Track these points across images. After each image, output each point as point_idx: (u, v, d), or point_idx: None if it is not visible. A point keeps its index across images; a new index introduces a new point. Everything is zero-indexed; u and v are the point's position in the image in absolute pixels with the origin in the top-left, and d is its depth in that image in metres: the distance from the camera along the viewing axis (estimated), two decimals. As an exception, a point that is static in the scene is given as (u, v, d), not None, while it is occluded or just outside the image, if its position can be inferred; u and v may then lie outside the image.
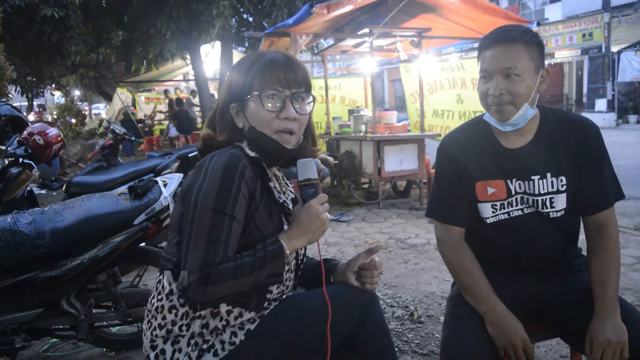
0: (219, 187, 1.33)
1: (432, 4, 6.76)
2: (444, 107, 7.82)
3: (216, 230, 1.31)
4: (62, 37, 9.66)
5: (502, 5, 22.30)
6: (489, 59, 1.58)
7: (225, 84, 1.55)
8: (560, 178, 1.65)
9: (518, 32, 1.58)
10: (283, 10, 10.46)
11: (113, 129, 5.28)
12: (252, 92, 1.46)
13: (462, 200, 1.74)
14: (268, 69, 1.46)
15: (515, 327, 1.56)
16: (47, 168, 7.89)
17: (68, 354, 2.84)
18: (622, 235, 4.70)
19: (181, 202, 1.44)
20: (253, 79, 1.46)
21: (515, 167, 1.67)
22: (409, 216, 6.03)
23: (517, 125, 1.62)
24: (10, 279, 2.23)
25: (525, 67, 1.55)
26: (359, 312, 1.53)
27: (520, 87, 1.56)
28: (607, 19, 18.17)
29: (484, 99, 1.63)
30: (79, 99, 23.35)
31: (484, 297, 1.63)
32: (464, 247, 1.73)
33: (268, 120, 1.46)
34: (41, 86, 13.22)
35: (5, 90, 6.07)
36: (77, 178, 4.27)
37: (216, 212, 1.32)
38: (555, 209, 1.67)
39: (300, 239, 1.43)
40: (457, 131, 1.81)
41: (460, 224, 1.76)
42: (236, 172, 1.35)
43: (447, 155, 1.78)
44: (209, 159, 1.40)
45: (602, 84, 18.67)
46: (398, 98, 30.28)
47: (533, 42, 1.57)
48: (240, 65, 1.52)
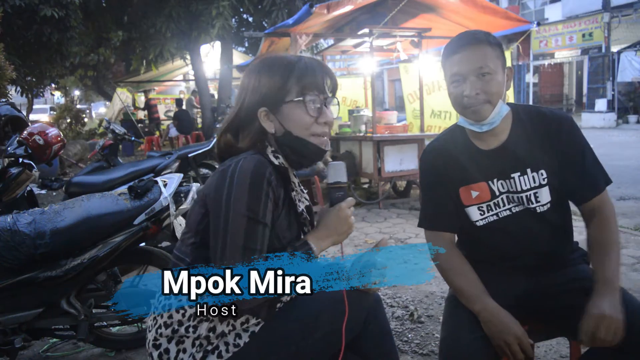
0: (249, 193, 1.32)
1: (432, 4, 6.77)
2: (441, 107, 7.82)
3: (252, 239, 1.32)
4: (62, 37, 9.65)
5: (502, 5, 22.29)
6: (459, 62, 1.62)
7: (250, 87, 1.48)
8: (540, 172, 1.68)
9: (481, 34, 1.63)
10: (283, 10, 10.47)
11: (113, 129, 5.28)
12: (290, 96, 1.45)
13: (448, 206, 1.78)
14: (309, 74, 1.46)
15: (508, 323, 1.55)
16: (47, 168, 7.89)
17: (68, 354, 2.84)
18: (623, 235, 4.69)
19: (201, 204, 1.43)
20: (292, 84, 1.45)
21: (494, 167, 1.71)
22: (409, 216, 6.03)
23: (494, 123, 1.64)
24: (10, 279, 2.23)
25: (494, 65, 1.60)
26: (363, 315, 1.53)
27: (494, 85, 1.59)
28: (607, 19, 18.18)
29: (459, 102, 1.66)
30: (79, 99, 23.34)
31: (476, 297, 1.64)
32: (454, 251, 1.76)
33: (308, 125, 1.46)
34: (41, 86, 13.20)
35: (5, 90, 6.07)
36: (77, 178, 4.27)
37: (250, 219, 1.32)
38: (541, 202, 1.69)
39: (326, 240, 1.46)
40: (435, 140, 1.86)
41: (448, 229, 1.79)
42: (264, 178, 1.35)
43: (428, 164, 1.83)
44: (233, 164, 1.37)
45: (602, 84, 18.66)
46: (398, 98, 30.29)
47: (495, 43, 1.63)
48: (273, 68, 1.47)
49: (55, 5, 9.14)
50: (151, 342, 1.44)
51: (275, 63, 1.49)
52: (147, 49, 11.74)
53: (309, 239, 1.44)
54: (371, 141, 6.37)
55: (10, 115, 3.38)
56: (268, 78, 1.46)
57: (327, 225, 1.48)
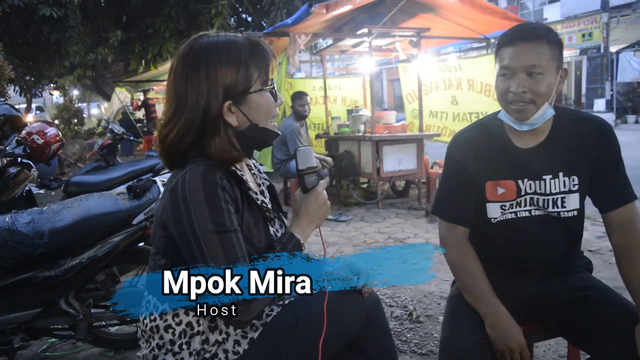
0: (208, 207, 1.26)
1: (430, 4, 6.76)
2: (438, 108, 7.83)
3: (231, 250, 1.27)
4: (61, 37, 9.63)
5: (501, 5, 22.30)
6: (511, 56, 1.54)
7: (205, 82, 1.33)
8: (572, 177, 1.63)
9: (542, 30, 1.56)
10: (282, 10, 10.47)
11: (112, 128, 5.28)
12: (255, 85, 1.37)
13: (469, 200, 1.72)
14: (265, 57, 1.40)
15: (515, 331, 1.56)
16: (45, 168, 7.87)
17: (67, 354, 2.84)
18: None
19: (162, 227, 1.37)
20: (253, 71, 1.37)
21: (527, 167, 1.65)
22: (408, 216, 6.03)
23: (535, 125, 1.58)
24: (8, 279, 2.23)
25: (548, 66, 1.52)
26: (363, 317, 1.52)
27: (543, 86, 1.52)
28: (605, 19, 18.19)
29: (503, 97, 1.59)
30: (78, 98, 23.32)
31: (485, 299, 1.62)
32: (467, 247, 1.73)
33: (272, 112, 1.42)
34: (39, 86, 13.19)
35: (4, 90, 6.07)
36: (76, 178, 4.26)
37: (220, 233, 1.26)
38: (567, 208, 1.65)
39: (309, 227, 1.45)
40: (469, 129, 1.77)
41: (465, 224, 1.75)
42: (217, 186, 1.28)
43: (458, 153, 1.74)
44: (180, 180, 1.29)
45: (601, 84, 18.69)
46: (397, 98, 30.28)
47: (555, 41, 1.55)
48: (228, 57, 1.34)
49: (54, 5, 9.12)
50: (149, 356, 1.42)
51: (224, 50, 1.36)
52: (145, 48, 11.73)
53: (293, 229, 1.42)
54: (370, 141, 6.36)
55: (8, 115, 3.38)
56: (227, 68, 1.34)
57: (307, 212, 1.45)
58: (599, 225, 5.03)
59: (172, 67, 1.41)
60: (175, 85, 1.37)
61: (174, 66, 1.39)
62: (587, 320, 1.58)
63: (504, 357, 1.54)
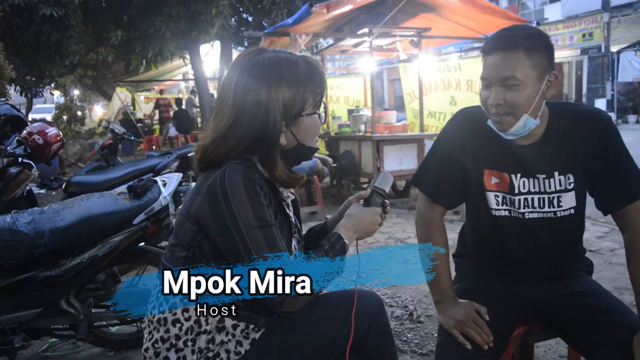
0: (250, 203, 1.30)
1: (431, 4, 6.77)
2: (437, 108, 7.82)
3: (273, 243, 1.31)
4: (62, 37, 9.62)
5: (501, 5, 22.29)
6: (489, 67, 1.50)
7: (266, 102, 1.34)
8: (567, 176, 1.59)
9: (520, 37, 1.47)
10: (283, 9, 10.45)
11: (112, 128, 5.29)
12: (307, 109, 1.40)
13: (457, 181, 1.71)
14: (319, 82, 1.42)
15: (459, 309, 1.61)
16: (46, 167, 7.89)
17: (67, 354, 2.84)
18: (618, 234, 4.68)
19: (193, 221, 1.38)
20: (308, 95, 1.40)
21: (521, 164, 1.62)
22: (408, 216, 6.02)
23: (519, 134, 1.55)
24: (9, 279, 2.23)
25: (526, 76, 1.46)
26: (367, 322, 1.52)
27: (520, 97, 1.47)
28: (606, 18, 18.17)
29: (485, 107, 1.57)
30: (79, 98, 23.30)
31: (441, 286, 1.69)
32: (439, 230, 1.75)
33: (317, 133, 1.47)
34: (40, 86, 13.18)
35: (5, 89, 6.07)
36: (77, 178, 4.27)
37: (263, 227, 1.30)
38: (563, 207, 1.62)
39: (354, 234, 1.46)
40: (475, 108, 1.68)
41: (444, 203, 1.75)
42: (255, 184, 1.32)
43: (459, 127, 1.72)
44: (218, 179, 1.31)
45: (602, 84, 18.67)
46: (398, 98, 30.26)
47: (537, 47, 1.47)
48: (289, 80, 1.37)
49: (55, 4, 9.11)
50: (151, 351, 1.42)
51: (285, 68, 1.38)
52: (146, 48, 11.72)
53: (340, 231, 1.44)
54: (370, 141, 6.36)
55: (9, 115, 3.38)
56: (287, 88, 1.36)
57: (359, 220, 1.47)
58: (599, 225, 5.03)
59: (228, 81, 1.40)
60: (235, 99, 1.37)
61: (232, 80, 1.39)
62: (586, 327, 1.57)
63: (458, 336, 1.56)
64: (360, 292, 1.55)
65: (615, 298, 1.67)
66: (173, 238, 1.46)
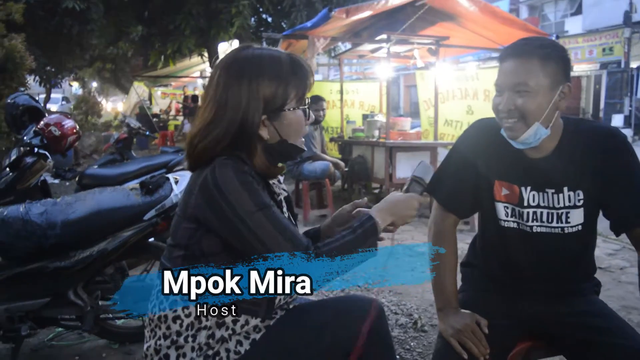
0: (246, 190, 1.31)
1: (451, 13, 6.76)
2: (453, 117, 7.80)
3: (277, 222, 1.32)
4: (83, 30, 9.74)
5: (522, 16, 22.18)
6: (502, 73, 1.53)
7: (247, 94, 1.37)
8: (577, 192, 1.57)
9: (535, 45, 1.49)
10: (302, 12, 10.47)
11: (128, 122, 5.34)
12: (290, 103, 1.42)
13: (470, 189, 1.72)
14: (305, 77, 1.43)
15: (459, 318, 1.60)
16: (61, 158, 7.95)
17: (72, 344, 2.87)
18: (629, 252, 4.65)
19: (190, 220, 1.39)
20: (291, 89, 1.41)
21: (531, 177, 1.62)
22: (418, 223, 6.00)
23: (530, 144, 1.54)
24: (19, 268, 2.26)
25: (538, 84, 1.46)
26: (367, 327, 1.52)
27: (531, 104, 1.47)
28: (627, 34, 18.00)
29: (496, 113, 1.58)
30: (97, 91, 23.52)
31: (446, 296, 1.68)
32: (451, 238, 1.76)
33: (302, 130, 1.47)
34: (59, 77, 13.34)
35: (24, 79, 6.15)
36: (90, 170, 4.32)
37: (262, 209, 1.31)
38: (571, 224, 1.60)
39: (388, 217, 1.46)
40: (491, 120, 1.69)
41: (458, 213, 1.76)
42: (247, 174, 1.33)
43: (474, 138, 1.74)
44: (209, 175, 1.33)
45: (620, 99, 18.49)
46: (413, 104, 30.17)
47: (551, 57, 1.47)
48: (270, 73, 1.39)
49: (77, -3, 9.23)
50: (152, 348, 1.44)
51: (267, 63, 1.41)
52: (165, 44, 11.80)
53: (375, 214, 1.44)
54: (384, 147, 6.36)
55: (27, 105, 3.42)
56: (268, 82, 1.38)
57: (396, 203, 1.49)
58: (610, 242, 4.99)
59: (213, 75, 1.44)
60: (217, 93, 1.40)
61: (216, 74, 1.42)
62: (590, 348, 1.55)
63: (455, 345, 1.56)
64: (360, 298, 1.56)
65: (621, 319, 1.65)
66: (171, 239, 1.47)
